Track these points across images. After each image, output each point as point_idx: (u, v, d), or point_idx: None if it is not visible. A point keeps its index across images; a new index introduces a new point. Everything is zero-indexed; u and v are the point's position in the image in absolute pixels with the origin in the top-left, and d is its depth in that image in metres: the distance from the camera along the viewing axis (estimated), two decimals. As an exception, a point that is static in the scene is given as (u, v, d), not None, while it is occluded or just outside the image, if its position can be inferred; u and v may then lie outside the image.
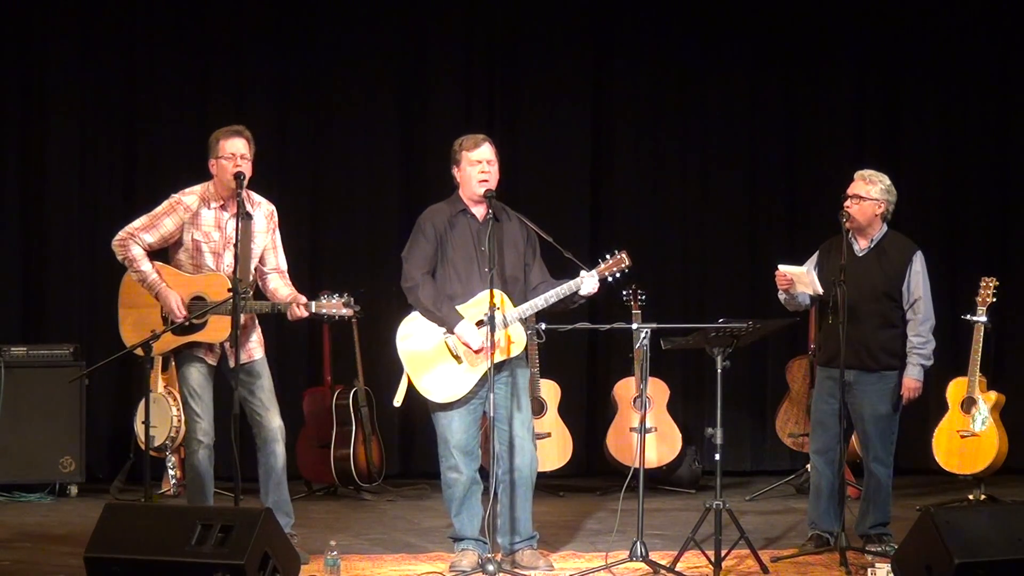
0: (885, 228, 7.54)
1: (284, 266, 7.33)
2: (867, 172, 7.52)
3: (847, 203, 7.44)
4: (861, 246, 7.52)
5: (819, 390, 7.60)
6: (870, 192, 7.44)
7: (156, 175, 9.81)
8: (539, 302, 6.98)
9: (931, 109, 10.93)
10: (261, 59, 10.44)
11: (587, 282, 6.99)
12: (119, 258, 7.12)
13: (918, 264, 7.48)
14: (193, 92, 10.30)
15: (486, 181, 6.98)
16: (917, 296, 7.45)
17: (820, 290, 7.44)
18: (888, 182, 7.49)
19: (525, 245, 7.13)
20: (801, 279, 7.44)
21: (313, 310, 7.08)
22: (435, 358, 6.99)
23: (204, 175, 7.19)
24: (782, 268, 7.48)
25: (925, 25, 10.82)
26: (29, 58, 10.19)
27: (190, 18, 10.31)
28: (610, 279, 7.07)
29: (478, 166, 7.00)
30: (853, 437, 8.11)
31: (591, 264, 7.05)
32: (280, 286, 7.25)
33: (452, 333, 6.94)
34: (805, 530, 7.66)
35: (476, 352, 6.89)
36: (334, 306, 7.06)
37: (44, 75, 10.21)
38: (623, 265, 7.05)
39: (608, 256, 7.05)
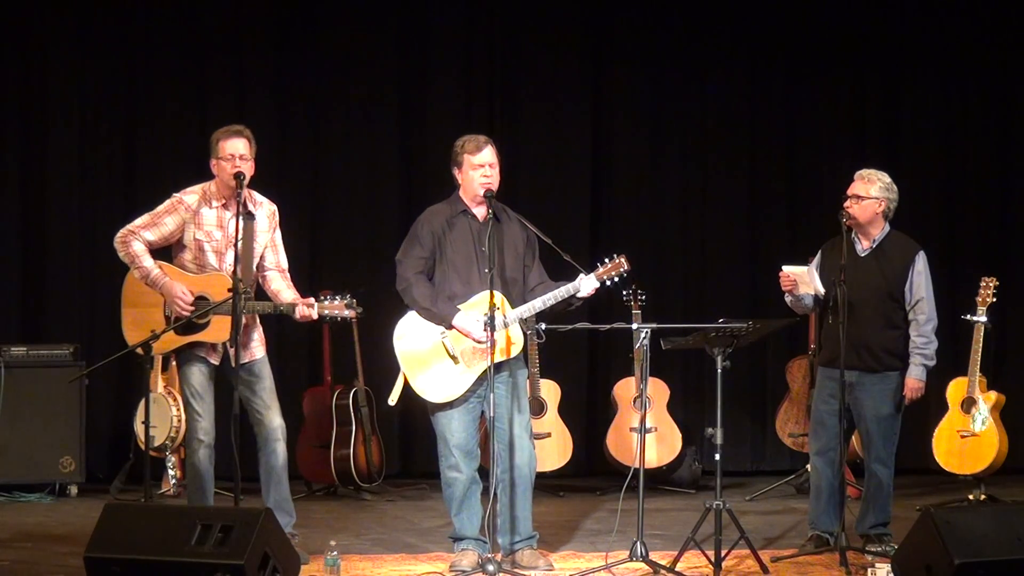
0: (888, 228, 7.54)
1: (285, 265, 7.33)
2: (866, 171, 7.52)
3: (847, 203, 7.44)
4: (863, 246, 7.52)
5: (819, 390, 7.59)
6: (869, 191, 7.44)
7: (156, 175, 9.81)
8: (537, 304, 6.98)
9: (931, 109, 10.93)
10: (261, 59, 10.44)
11: (585, 284, 6.98)
12: (120, 255, 7.12)
13: (920, 264, 7.48)
14: (193, 92, 10.30)
15: (488, 185, 6.98)
16: (920, 296, 7.45)
17: (821, 290, 7.44)
18: (888, 180, 7.49)
19: (525, 247, 7.12)
20: (803, 279, 7.45)
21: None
22: (431, 358, 6.99)
23: (204, 174, 7.19)
24: (786, 269, 7.49)
25: (925, 24, 10.82)
26: (29, 58, 10.20)
27: (190, 18, 10.31)
28: (608, 283, 7.06)
29: (480, 170, 6.99)
30: (853, 437, 8.11)
31: (590, 267, 7.04)
32: (283, 287, 7.24)
33: (451, 328, 6.94)
34: (805, 530, 7.66)
35: (478, 342, 6.89)
36: (337, 307, 7.08)
37: (44, 75, 10.21)
38: (621, 269, 7.03)
39: (607, 260, 7.03)
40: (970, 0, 10.82)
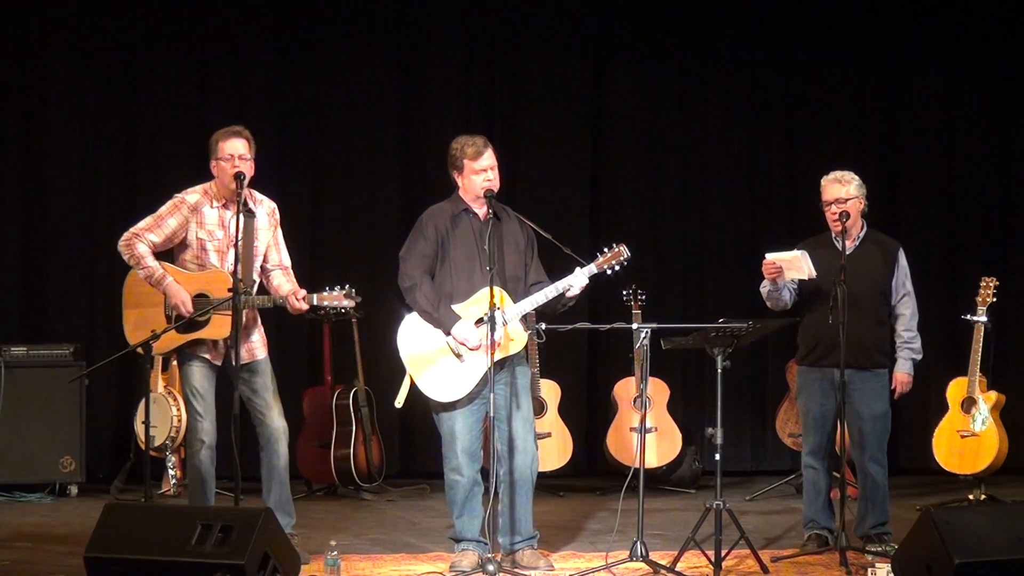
0: (865, 226, 7.56)
1: (288, 262, 7.33)
2: (834, 174, 7.49)
3: (832, 209, 7.39)
4: (847, 244, 7.49)
5: (810, 390, 7.56)
6: (849, 191, 7.44)
7: (156, 176, 9.82)
8: (538, 298, 6.96)
9: (931, 109, 10.93)
10: (261, 59, 10.45)
11: (576, 278, 6.94)
12: (125, 258, 7.12)
13: (903, 259, 7.56)
14: (193, 92, 10.30)
15: (490, 187, 6.97)
16: (907, 290, 7.51)
17: (815, 274, 7.37)
18: (856, 176, 7.49)
19: (525, 245, 7.13)
20: (792, 264, 7.35)
21: (314, 302, 7.05)
22: (437, 358, 6.98)
23: (205, 175, 7.19)
24: (770, 256, 7.43)
25: (925, 25, 10.83)
26: (29, 58, 10.20)
27: (190, 19, 10.32)
28: (609, 272, 7.05)
29: (482, 174, 6.98)
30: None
31: (590, 259, 7.03)
32: (283, 283, 7.25)
33: (449, 335, 6.94)
34: (804, 530, 7.65)
35: (473, 350, 6.89)
36: (335, 298, 7.02)
37: (44, 75, 10.21)
38: (622, 258, 7.02)
39: (606, 249, 7.03)
40: (970, 2, 10.82)
